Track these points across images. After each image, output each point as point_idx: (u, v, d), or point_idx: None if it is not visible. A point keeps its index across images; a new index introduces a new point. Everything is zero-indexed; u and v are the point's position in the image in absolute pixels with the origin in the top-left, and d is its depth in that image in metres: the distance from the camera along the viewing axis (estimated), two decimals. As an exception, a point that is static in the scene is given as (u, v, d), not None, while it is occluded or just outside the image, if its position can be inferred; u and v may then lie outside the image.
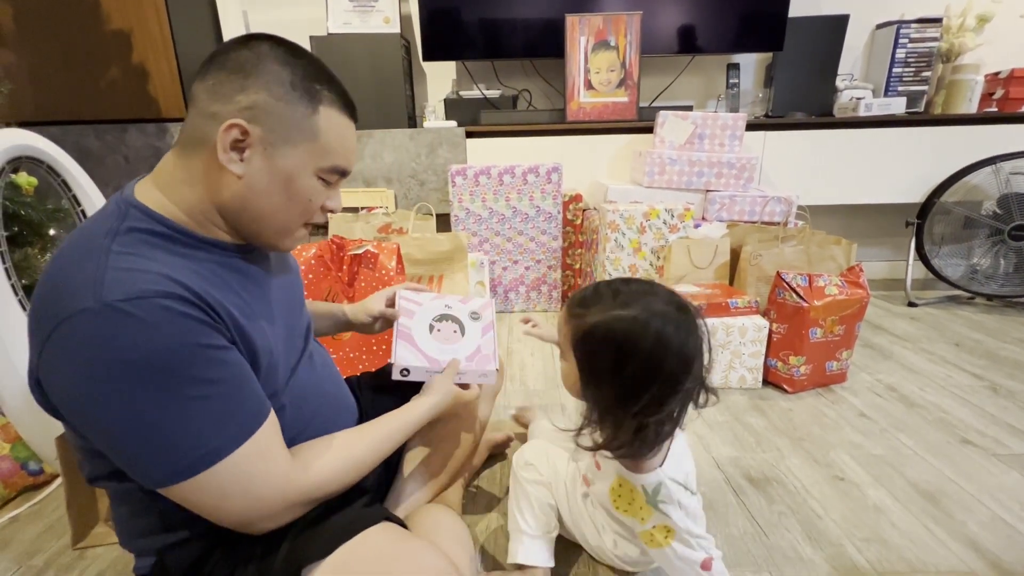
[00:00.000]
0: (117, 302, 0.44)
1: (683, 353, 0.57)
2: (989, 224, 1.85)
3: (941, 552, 0.80)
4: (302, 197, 0.56)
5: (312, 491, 0.56)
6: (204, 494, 0.49)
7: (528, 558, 0.74)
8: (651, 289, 0.61)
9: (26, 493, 0.99)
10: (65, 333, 0.44)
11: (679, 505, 0.63)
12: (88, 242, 0.49)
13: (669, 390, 0.58)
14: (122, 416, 0.45)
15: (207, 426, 0.48)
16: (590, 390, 0.61)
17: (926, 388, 1.32)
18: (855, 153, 1.95)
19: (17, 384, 0.92)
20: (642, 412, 0.58)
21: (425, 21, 1.98)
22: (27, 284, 0.99)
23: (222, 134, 0.50)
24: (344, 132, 0.57)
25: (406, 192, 1.98)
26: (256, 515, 0.53)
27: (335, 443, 0.60)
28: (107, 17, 1.70)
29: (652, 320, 0.57)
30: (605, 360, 0.58)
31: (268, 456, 0.52)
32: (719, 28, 2.01)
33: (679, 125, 1.84)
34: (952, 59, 2.02)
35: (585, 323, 0.60)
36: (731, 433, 1.14)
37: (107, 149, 1.81)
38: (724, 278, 1.56)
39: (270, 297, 0.61)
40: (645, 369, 0.57)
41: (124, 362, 0.44)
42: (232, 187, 0.53)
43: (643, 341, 0.56)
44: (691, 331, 0.59)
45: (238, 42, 0.53)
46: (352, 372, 1.21)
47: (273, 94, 0.52)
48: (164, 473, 0.48)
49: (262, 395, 0.54)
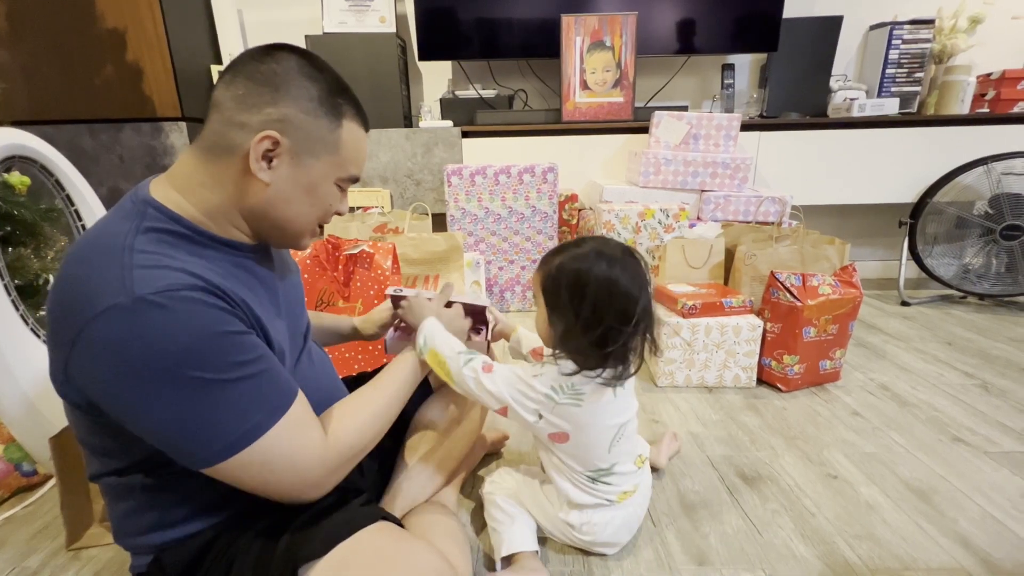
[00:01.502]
0: (149, 295, 0.45)
1: (629, 289, 0.68)
2: (981, 224, 1.86)
3: (932, 549, 0.81)
4: (323, 203, 0.60)
5: (347, 452, 0.59)
6: (251, 469, 0.51)
7: (512, 547, 0.76)
8: (604, 240, 0.72)
9: (20, 494, 0.98)
10: (98, 329, 0.45)
11: (538, 377, 0.71)
12: (109, 241, 0.50)
13: (622, 320, 0.67)
14: (166, 405, 0.47)
15: (247, 404, 0.50)
16: (555, 324, 0.71)
17: (918, 387, 1.34)
18: (849, 153, 1.97)
19: (11, 384, 0.91)
20: (601, 341, 0.68)
21: (421, 21, 1.98)
22: (20, 284, 0.98)
23: (256, 144, 0.53)
24: (360, 143, 0.61)
25: (402, 192, 1.98)
26: (302, 484, 0.55)
27: (350, 406, 0.63)
28: (101, 16, 1.69)
29: (600, 259, 0.68)
30: (565, 294, 0.69)
31: (305, 427, 0.55)
32: (714, 29, 2.02)
33: (674, 125, 1.84)
34: (944, 60, 2.04)
35: (550, 267, 0.71)
36: (725, 432, 1.15)
37: (101, 148, 1.80)
38: (719, 278, 1.57)
39: (278, 297, 0.64)
40: (598, 300, 0.67)
41: (163, 353, 0.46)
42: (259, 194, 0.56)
43: (594, 274, 0.68)
44: (636, 271, 0.69)
45: (264, 52, 0.55)
46: (348, 372, 1.21)
47: (302, 108, 0.54)
48: (211, 452, 0.49)
49: (287, 374, 0.56)
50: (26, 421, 0.93)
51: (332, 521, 0.57)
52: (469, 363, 0.72)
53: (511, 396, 0.72)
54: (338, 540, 0.55)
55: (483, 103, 2.09)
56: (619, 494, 0.77)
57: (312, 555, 0.54)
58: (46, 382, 0.95)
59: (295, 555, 0.54)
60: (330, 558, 0.54)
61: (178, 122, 1.79)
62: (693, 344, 1.32)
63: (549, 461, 0.79)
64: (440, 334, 0.74)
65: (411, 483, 0.79)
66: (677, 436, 1.08)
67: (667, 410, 1.25)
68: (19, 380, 0.92)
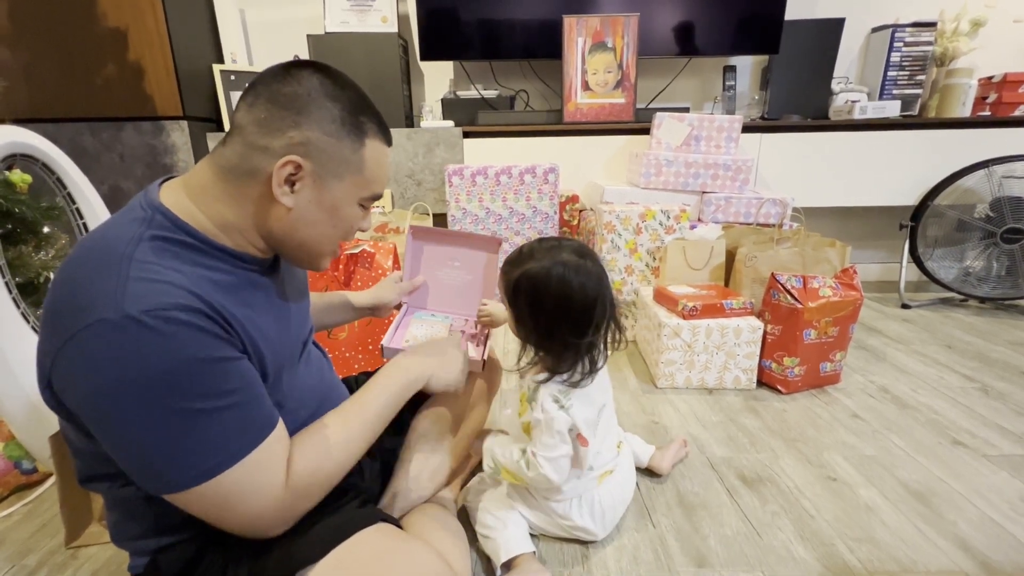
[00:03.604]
0: (138, 314, 0.44)
1: (585, 290, 0.71)
2: (982, 227, 1.86)
3: (931, 552, 0.81)
4: (345, 224, 0.60)
5: (307, 495, 0.56)
6: (206, 502, 0.50)
7: (511, 550, 0.76)
8: (559, 244, 0.74)
9: (19, 492, 0.98)
10: (83, 340, 0.45)
11: (541, 408, 0.74)
12: (110, 247, 0.49)
13: (584, 319, 0.71)
14: (134, 426, 0.46)
15: (213, 439, 0.48)
16: (521, 327, 0.76)
17: (918, 389, 1.34)
18: (850, 156, 1.96)
19: (11, 382, 0.91)
20: (565, 341, 0.72)
21: (423, 21, 1.98)
22: (20, 282, 0.98)
23: (278, 169, 0.52)
24: (384, 160, 0.60)
25: (403, 191, 1.98)
26: (254, 526, 0.53)
27: (320, 436, 0.59)
28: (103, 14, 1.69)
29: (555, 267, 0.71)
30: (526, 302, 0.73)
31: (269, 468, 0.52)
32: (716, 30, 2.02)
33: (675, 127, 1.84)
34: (946, 63, 2.03)
35: (510, 278, 0.74)
36: (725, 433, 1.15)
37: (102, 147, 1.80)
38: (719, 279, 1.57)
39: (282, 309, 0.63)
40: (556, 305, 0.71)
41: (140, 374, 0.45)
42: (282, 217, 0.55)
43: (550, 284, 0.71)
44: (590, 273, 0.72)
45: (285, 73, 0.53)
46: (348, 372, 1.21)
47: (324, 131, 0.54)
48: (167, 482, 0.48)
49: (270, 407, 0.54)
50: (26, 419, 0.93)
51: (329, 523, 0.57)
52: (530, 466, 0.75)
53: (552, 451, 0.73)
54: (335, 543, 0.55)
55: (485, 103, 2.09)
56: (599, 476, 0.81)
57: (309, 559, 0.54)
58: (46, 380, 0.95)
59: (292, 559, 0.54)
60: (327, 561, 0.54)
61: (179, 121, 1.79)
62: (693, 346, 1.32)
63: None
64: (495, 448, 0.80)
65: (410, 484, 0.79)
66: (687, 444, 1.07)
67: (667, 411, 1.25)
68: (19, 378, 0.92)
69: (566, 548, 0.82)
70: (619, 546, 0.83)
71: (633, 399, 1.31)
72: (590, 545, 0.83)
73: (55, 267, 1.07)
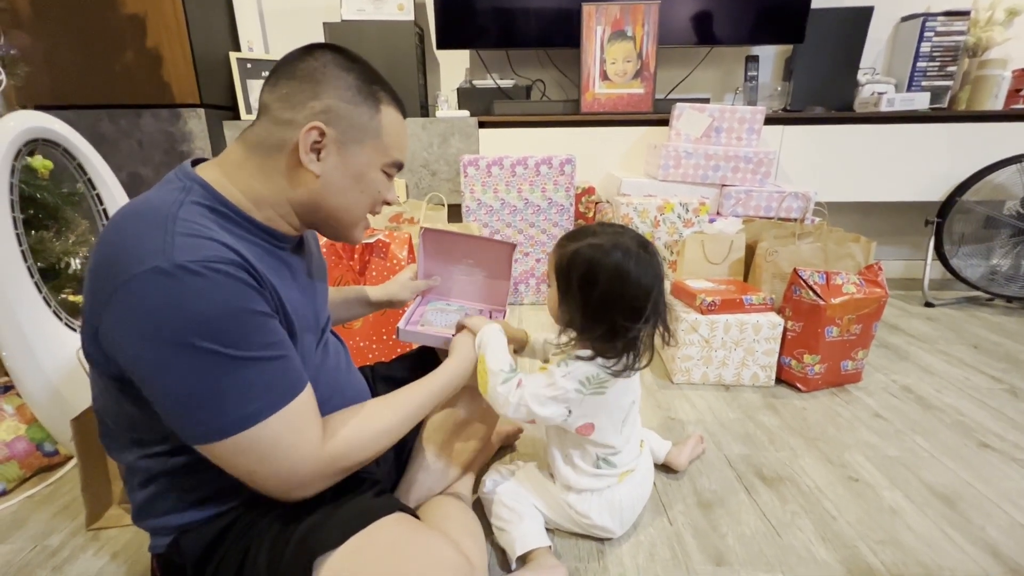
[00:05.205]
0: (188, 263, 0.47)
1: (641, 282, 0.68)
2: (1011, 224, 1.80)
3: (958, 556, 0.79)
4: (372, 190, 0.62)
5: (342, 461, 0.57)
6: (241, 455, 0.51)
7: (526, 544, 0.75)
8: (622, 230, 0.72)
9: (41, 473, 1.00)
10: (135, 287, 0.46)
11: (565, 375, 0.71)
12: (155, 208, 0.51)
13: (632, 315, 0.68)
14: (177, 372, 0.47)
15: (252, 388, 0.50)
16: (567, 306, 0.72)
17: (943, 390, 1.30)
18: (875, 149, 1.91)
19: (33, 365, 0.92)
20: (613, 326, 0.68)
21: (439, 9, 1.95)
22: (42, 268, 0.99)
23: (304, 135, 0.55)
24: (400, 128, 0.63)
25: (418, 182, 1.97)
26: (287, 481, 0.54)
27: (363, 412, 0.62)
28: (122, 2, 1.69)
29: (615, 250, 0.68)
30: (577, 280, 0.69)
31: (304, 424, 0.54)
32: (738, 19, 1.97)
33: (696, 118, 1.81)
34: (979, 54, 1.96)
35: (564, 251, 0.71)
36: (743, 430, 1.13)
37: (121, 134, 1.81)
38: (739, 274, 1.54)
39: (307, 287, 0.65)
40: (610, 287, 0.68)
41: (189, 320, 0.46)
42: (310, 185, 0.58)
43: (606, 264, 0.68)
44: (649, 265, 0.69)
45: (302, 52, 0.58)
46: (364, 362, 1.21)
47: (343, 98, 0.57)
48: (206, 430, 0.50)
49: (301, 367, 0.56)
50: (48, 402, 0.95)
51: (348, 511, 0.57)
52: (506, 382, 0.73)
53: (539, 409, 0.71)
54: (354, 530, 0.55)
55: (501, 93, 2.06)
56: (620, 474, 0.79)
57: (328, 545, 0.54)
58: (68, 364, 0.96)
59: (311, 544, 0.54)
60: (345, 548, 0.54)
61: (196, 109, 1.80)
62: (711, 341, 1.30)
63: (556, 452, 0.80)
64: (494, 344, 0.76)
65: (426, 474, 0.78)
66: (703, 440, 1.06)
67: (683, 407, 1.23)
68: (41, 361, 0.93)
69: (581, 543, 0.82)
70: (635, 542, 0.82)
71: (648, 394, 1.29)
72: (606, 541, 0.82)
73: (76, 252, 1.07)
